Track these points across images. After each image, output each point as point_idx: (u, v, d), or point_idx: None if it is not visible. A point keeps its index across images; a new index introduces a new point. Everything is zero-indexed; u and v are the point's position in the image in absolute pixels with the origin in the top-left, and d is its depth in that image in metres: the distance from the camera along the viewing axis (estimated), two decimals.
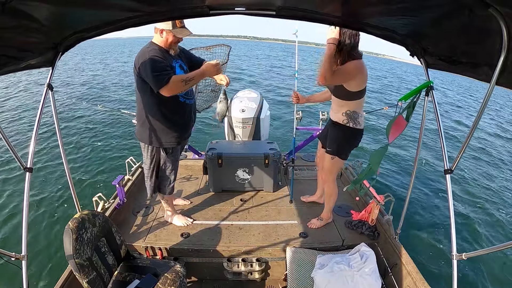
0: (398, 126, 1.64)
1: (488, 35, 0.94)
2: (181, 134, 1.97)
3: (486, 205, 4.63)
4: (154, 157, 1.97)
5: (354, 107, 1.86)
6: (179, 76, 1.70)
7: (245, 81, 14.55)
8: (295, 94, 2.26)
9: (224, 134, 3.67)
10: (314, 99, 2.27)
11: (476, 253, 1.19)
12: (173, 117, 1.87)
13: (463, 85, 27.46)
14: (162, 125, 1.86)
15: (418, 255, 3.22)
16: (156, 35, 1.76)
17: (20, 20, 0.94)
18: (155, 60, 1.66)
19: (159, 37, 1.75)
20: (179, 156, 2.12)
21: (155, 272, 1.56)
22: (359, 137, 1.95)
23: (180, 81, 1.67)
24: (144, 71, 1.66)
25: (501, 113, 14.13)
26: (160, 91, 1.66)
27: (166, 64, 1.71)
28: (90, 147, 5.50)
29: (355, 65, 1.72)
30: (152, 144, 1.91)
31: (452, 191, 1.32)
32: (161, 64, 1.66)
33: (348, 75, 1.74)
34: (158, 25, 1.69)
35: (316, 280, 1.74)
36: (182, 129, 1.96)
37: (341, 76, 1.74)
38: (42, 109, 1.43)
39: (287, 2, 1.19)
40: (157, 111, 1.82)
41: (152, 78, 1.65)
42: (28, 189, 1.32)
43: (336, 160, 1.99)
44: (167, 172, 2.03)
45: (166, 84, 1.63)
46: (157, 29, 1.72)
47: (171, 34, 1.72)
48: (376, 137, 7.41)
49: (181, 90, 1.72)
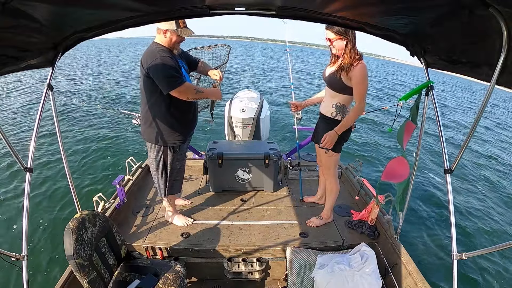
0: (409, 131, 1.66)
1: (488, 35, 0.93)
2: (188, 132, 2.01)
3: (486, 205, 4.63)
4: (162, 156, 1.96)
5: (345, 101, 1.88)
6: (192, 85, 1.77)
7: (245, 81, 14.56)
8: (293, 106, 2.29)
9: (224, 134, 3.67)
10: (311, 102, 2.28)
11: (476, 253, 1.19)
12: (182, 116, 1.89)
13: (463, 85, 27.48)
14: (170, 124, 1.87)
15: (418, 255, 3.22)
16: (159, 36, 1.75)
17: (20, 20, 0.94)
18: (167, 61, 1.68)
19: (162, 37, 1.74)
20: (185, 154, 2.14)
21: (156, 272, 1.56)
22: (348, 131, 1.97)
23: (193, 89, 1.77)
24: (155, 72, 1.68)
25: (502, 113, 14.13)
26: (171, 92, 1.70)
27: (177, 66, 1.74)
28: (90, 147, 5.50)
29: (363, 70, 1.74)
30: (160, 144, 1.91)
31: (452, 191, 1.32)
32: (173, 66, 1.70)
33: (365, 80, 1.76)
34: (161, 25, 1.69)
35: (316, 280, 1.74)
36: (188, 127, 1.99)
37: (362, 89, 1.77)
38: (42, 109, 1.43)
39: (287, 2, 1.19)
40: (166, 111, 1.83)
41: (164, 80, 1.68)
42: (29, 189, 1.32)
43: (331, 154, 2.01)
44: (177, 171, 2.05)
45: (178, 87, 1.69)
46: (160, 29, 1.71)
47: (175, 34, 1.72)
48: (372, 138, 7.41)
49: (190, 97, 1.78)
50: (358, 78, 1.74)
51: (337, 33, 1.71)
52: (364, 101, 1.82)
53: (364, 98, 1.80)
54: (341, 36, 1.71)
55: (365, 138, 7.23)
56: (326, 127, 1.96)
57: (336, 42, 1.75)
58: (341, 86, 1.83)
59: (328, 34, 1.75)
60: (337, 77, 1.81)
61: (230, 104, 3.48)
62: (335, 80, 1.83)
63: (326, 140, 1.90)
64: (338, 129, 1.87)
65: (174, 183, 2.09)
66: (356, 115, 1.84)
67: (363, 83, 1.76)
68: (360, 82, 1.75)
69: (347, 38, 1.71)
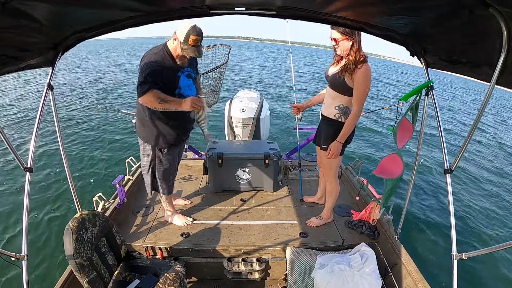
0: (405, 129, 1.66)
1: (488, 35, 0.94)
2: (177, 137, 1.95)
3: (486, 205, 4.63)
4: (150, 155, 1.97)
5: (348, 102, 1.84)
6: (158, 93, 1.64)
7: (245, 81, 14.56)
8: (295, 108, 2.24)
9: (224, 134, 3.67)
10: (312, 102, 2.25)
11: (476, 253, 1.19)
12: (169, 121, 1.85)
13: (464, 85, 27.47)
14: (158, 127, 1.85)
15: (418, 255, 3.22)
16: (170, 40, 1.71)
17: (20, 20, 0.94)
18: (149, 66, 1.62)
19: (172, 43, 1.70)
20: (177, 157, 2.10)
21: (155, 272, 1.56)
22: (351, 133, 1.94)
23: (157, 98, 1.63)
24: (139, 73, 1.66)
25: (502, 113, 14.13)
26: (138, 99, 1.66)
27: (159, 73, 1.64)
28: (90, 147, 5.51)
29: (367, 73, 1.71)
30: (148, 142, 1.92)
31: (452, 191, 1.32)
32: (151, 72, 1.61)
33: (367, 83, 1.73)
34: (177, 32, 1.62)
35: (316, 280, 1.74)
36: (178, 132, 1.94)
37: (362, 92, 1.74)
38: (42, 109, 1.43)
39: (287, 2, 1.19)
40: (154, 113, 1.81)
41: (137, 84, 1.63)
42: (28, 189, 1.32)
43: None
44: (163, 171, 2.02)
45: (142, 95, 1.62)
46: (174, 34, 1.66)
47: (179, 46, 1.65)
48: (372, 138, 7.41)
49: (154, 106, 1.67)
50: (360, 81, 1.71)
51: (344, 33, 1.66)
52: (362, 105, 1.77)
53: (362, 102, 1.76)
54: (347, 37, 1.67)
55: (365, 138, 7.23)
56: (328, 129, 1.94)
57: (342, 43, 1.70)
58: (344, 88, 1.79)
59: (334, 34, 1.70)
60: (340, 79, 1.77)
61: (230, 104, 3.48)
62: (338, 81, 1.80)
63: (332, 151, 1.89)
64: (340, 138, 1.85)
65: (162, 183, 2.06)
66: (354, 120, 1.81)
67: (365, 86, 1.72)
68: (362, 85, 1.72)
69: (353, 38, 1.67)
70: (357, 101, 1.76)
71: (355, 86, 1.73)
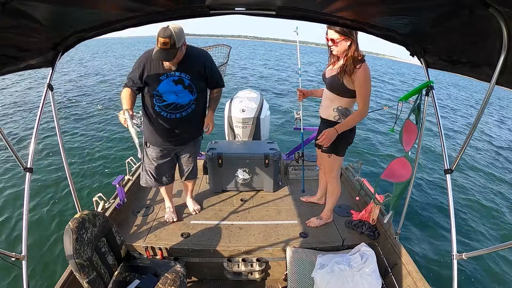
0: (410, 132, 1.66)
1: (488, 35, 0.94)
2: (156, 139, 1.94)
3: (486, 205, 4.63)
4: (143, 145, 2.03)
5: (347, 104, 1.82)
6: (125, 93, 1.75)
7: (245, 80, 14.56)
8: (300, 93, 2.20)
9: (224, 134, 3.67)
10: (315, 94, 2.22)
11: (476, 253, 1.19)
12: (153, 123, 1.90)
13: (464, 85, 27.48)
14: (148, 123, 1.93)
15: (418, 255, 3.22)
16: None
17: (20, 20, 0.94)
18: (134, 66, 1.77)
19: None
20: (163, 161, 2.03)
21: (155, 272, 1.56)
22: (352, 133, 1.92)
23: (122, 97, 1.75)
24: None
25: (502, 112, 14.13)
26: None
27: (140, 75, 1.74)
28: (90, 147, 5.51)
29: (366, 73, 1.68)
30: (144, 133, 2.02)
31: (452, 191, 1.32)
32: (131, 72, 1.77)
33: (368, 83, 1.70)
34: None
35: (316, 280, 1.74)
36: (159, 135, 1.92)
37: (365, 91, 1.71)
38: (42, 109, 1.43)
39: (287, 2, 1.19)
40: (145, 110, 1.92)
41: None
42: (28, 189, 1.32)
43: (334, 157, 1.98)
44: (146, 164, 2.07)
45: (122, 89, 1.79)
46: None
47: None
48: (372, 139, 7.40)
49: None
50: (361, 81, 1.67)
51: (341, 33, 1.61)
52: (368, 103, 1.74)
53: (368, 100, 1.72)
54: (345, 36, 1.62)
55: (365, 138, 7.23)
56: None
57: (340, 43, 1.66)
58: (343, 90, 1.76)
59: (331, 34, 1.66)
60: (339, 81, 1.74)
61: (230, 104, 3.48)
62: (337, 83, 1.76)
63: (325, 136, 1.76)
64: (339, 128, 1.77)
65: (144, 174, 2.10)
66: (359, 118, 1.77)
67: (366, 85, 1.69)
68: (363, 85, 1.69)
69: (351, 38, 1.63)
70: (363, 101, 1.73)
71: (357, 86, 1.70)
